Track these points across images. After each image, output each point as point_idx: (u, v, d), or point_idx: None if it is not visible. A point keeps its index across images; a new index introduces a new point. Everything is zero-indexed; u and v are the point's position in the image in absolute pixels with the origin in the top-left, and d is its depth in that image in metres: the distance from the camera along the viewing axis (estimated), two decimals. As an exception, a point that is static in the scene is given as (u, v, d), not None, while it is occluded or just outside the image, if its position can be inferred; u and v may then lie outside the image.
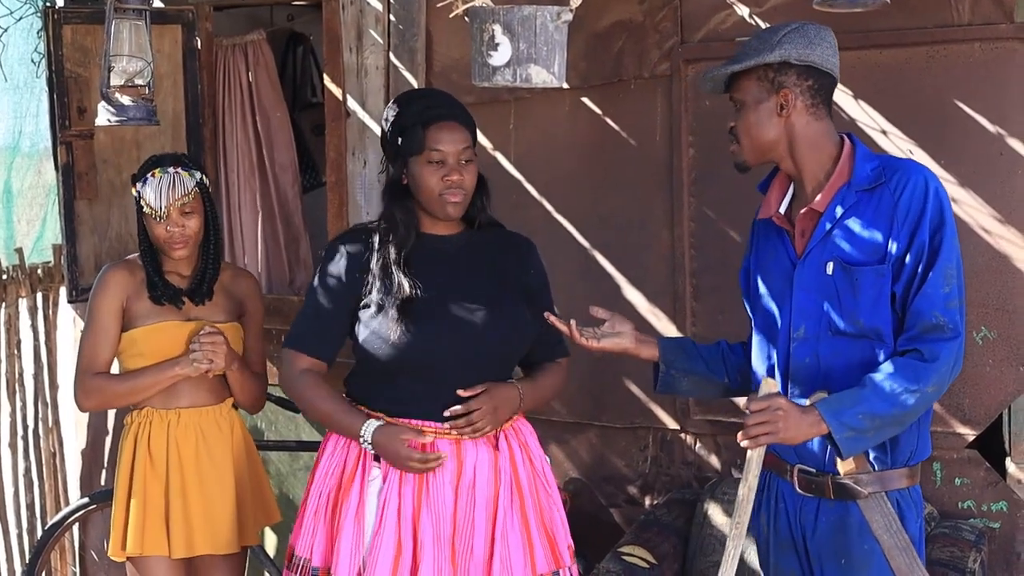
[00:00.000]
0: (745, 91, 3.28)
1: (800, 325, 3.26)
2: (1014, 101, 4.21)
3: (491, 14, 3.24)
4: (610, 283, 4.95)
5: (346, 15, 5.48)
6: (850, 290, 3.16)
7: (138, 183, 4.09)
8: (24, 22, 6.00)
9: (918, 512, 3.26)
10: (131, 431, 4.20)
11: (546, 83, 3.28)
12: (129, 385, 4.14)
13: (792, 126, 3.24)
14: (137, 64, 4.39)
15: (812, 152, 3.25)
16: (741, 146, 3.33)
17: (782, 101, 3.21)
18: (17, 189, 6.93)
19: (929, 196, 3.10)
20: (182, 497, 4.15)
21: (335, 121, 5.56)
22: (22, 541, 6.11)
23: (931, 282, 3.06)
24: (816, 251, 3.24)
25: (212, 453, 4.22)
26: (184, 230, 4.07)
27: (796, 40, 3.19)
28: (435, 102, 3.56)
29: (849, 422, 3.05)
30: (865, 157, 3.24)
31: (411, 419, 3.53)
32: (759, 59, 3.21)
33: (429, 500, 3.49)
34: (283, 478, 6.02)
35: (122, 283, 4.14)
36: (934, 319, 3.06)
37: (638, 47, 4.83)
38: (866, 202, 3.18)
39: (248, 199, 6.28)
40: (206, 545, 4.18)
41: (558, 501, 3.77)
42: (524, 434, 3.71)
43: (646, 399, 4.92)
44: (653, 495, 4.95)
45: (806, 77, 3.21)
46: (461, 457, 3.53)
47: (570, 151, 5.04)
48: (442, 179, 3.47)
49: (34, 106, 6.59)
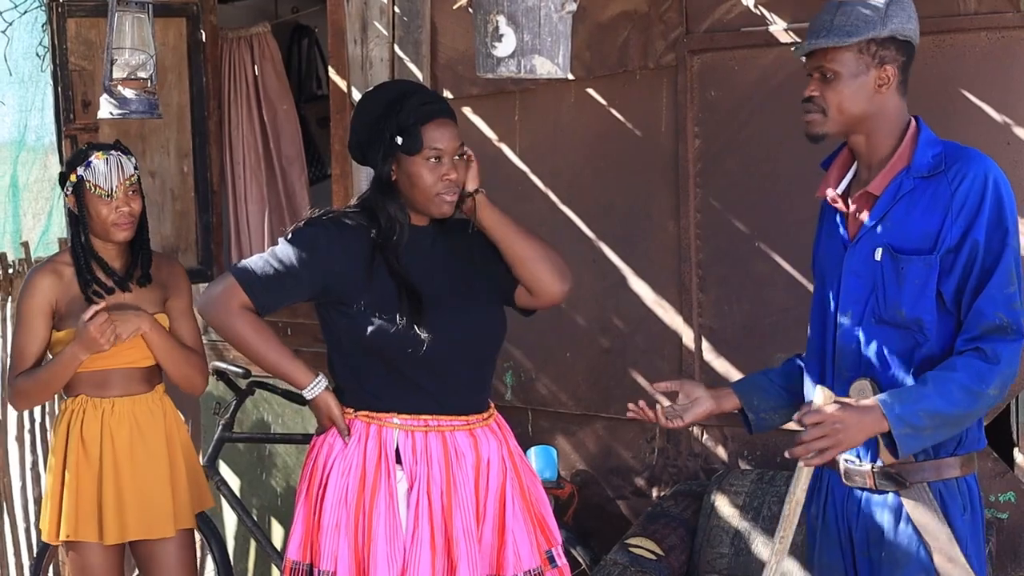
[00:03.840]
0: (841, 62, 3.09)
1: (848, 309, 3.16)
2: (1020, 90, 4.20)
3: (495, 5, 3.22)
4: (616, 274, 4.94)
5: (351, 7, 5.48)
6: (895, 278, 3.06)
7: (78, 168, 4.11)
8: (28, 16, 6.01)
9: (968, 504, 3.12)
10: (64, 418, 4.22)
11: (550, 74, 3.26)
12: (46, 375, 4.13)
13: (884, 103, 3.10)
14: (140, 57, 4.39)
15: (888, 132, 3.13)
16: (827, 117, 3.14)
17: (882, 77, 3.08)
18: (23, 183, 6.94)
19: (988, 191, 2.97)
20: (115, 484, 4.17)
21: (340, 113, 5.56)
22: (30, 535, 6.11)
23: (994, 282, 2.95)
24: (867, 236, 3.13)
25: (146, 440, 4.24)
26: (131, 210, 4.12)
27: (899, 12, 3.05)
28: (427, 98, 3.51)
29: (910, 419, 2.96)
30: (928, 142, 3.11)
31: (427, 414, 3.49)
32: (873, 32, 3.05)
33: (457, 498, 3.46)
34: (290, 470, 6.02)
35: (50, 285, 4.15)
36: (998, 320, 2.95)
37: (643, 38, 4.82)
38: (923, 190, 3.05)
39: (255, 192, 6.28)
40: (140, 530, 4.20)
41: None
42: (502, 421, 3.69)
43: (653, 390, 4.91)
44: (660, 487, 4.95)
45: (902, 52, 3.09)
46: (479, 450, 3.52)
47: (575, 142, 5.04)
48: (441, 177, 3.43)
49: (39, 100, 6.60)
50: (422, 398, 3.49)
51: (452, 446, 3.48)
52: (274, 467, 6.01)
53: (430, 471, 3.44)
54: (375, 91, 3.65)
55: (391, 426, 3.48)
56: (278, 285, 3.46)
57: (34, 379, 4.14)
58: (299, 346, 5.67)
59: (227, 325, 3.49)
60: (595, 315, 5.00)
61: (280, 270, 3.45)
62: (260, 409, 6.02)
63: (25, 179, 6.96)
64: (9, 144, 7.00)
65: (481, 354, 3.58)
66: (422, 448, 3.46)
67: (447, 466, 3.46)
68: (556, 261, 3.54)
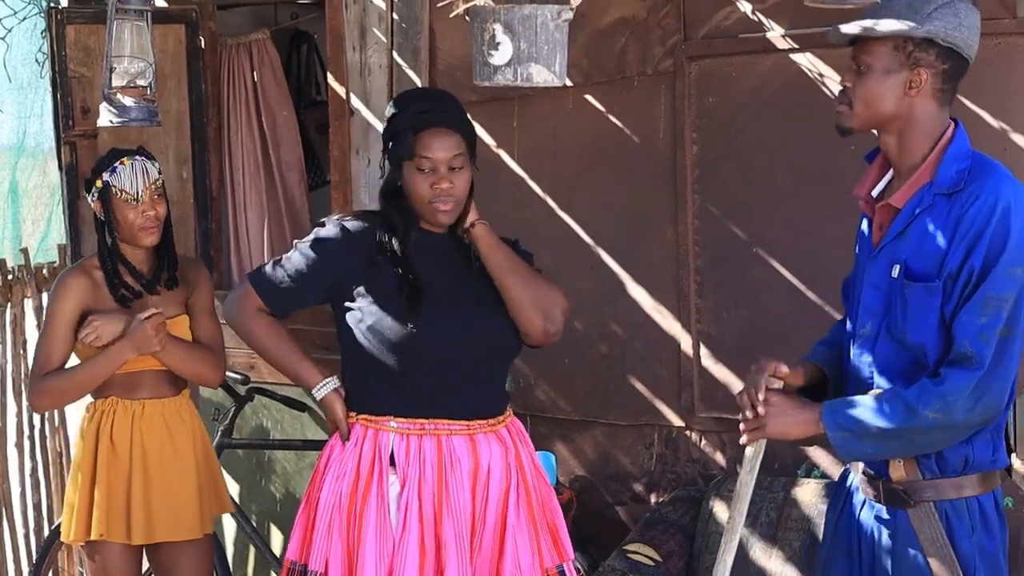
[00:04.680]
0: (876, 56, 2.99)
1: (866, 323, 3.10)
2: (1017, 97, 4.21)
3: (492, 13, 3.23)
4: (614, 280, 4.95)
5: (349, 14, 5.49)
6: (902, 301, 2.98)
7: (104, 173, 4.17)
8: (28, 22, 6.02)
9: (978, 524, 3.03)
10: (94, 419, 4.26)
11: (547, 82, 3.26)
12: (79, 378, 4.19)
13: (913, 107, 2.97)
14: (139, 65, 4.39)
15: (920, 139, 3.01)
16: (853, 111, 3.05)
17: (914, 79, 2.95)
18: (22, 189, 6.94)
19: (995, 216, 2.85)
20: (143, 485, 4.21)
21: (339, 120, 5.56)
22: (29, 541, 6.12)
23: (967, 310, 2.87)
24: (888, 249, 3.04)
25: (175, 443, 4.29)
26: (156, 214, 4.19)
27: (947, 16, 2.91)
28: (427, 106, 3.49)
29: (844, 423, 2.97)
30: (956, 157, 2.98)
31: (424, 418, 3.49)
32: (906, 30, 2.92)
33: (449, 502, 3.45)
34: (289, 476, 6.02)
35: (82, 288, 4.20)
36: (964, 348, 2.86)
37: (641, 44, 4.82)
38: (941, 207, 2.94)
39: (254, 198, 6.29)
40: (166, 532, 4.24)
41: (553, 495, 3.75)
42: (519, 429, 3.68)
43: (651, 396, 4.92)
44: (659, 493, 4.95)
45: (944, 59, 2.93)
46: (477, 455, 3.50)
47: (574, 148, 5.04)
48: (431, 187, 3.43)
49: (38, 106, 6.60)
50: (419, 401, 3.50)
51: (447, 450, 3.48)
52: (273, 473, 6.02)
53: (422, 473, 3.45)
54: (396, 96, 3.70)
55: (388, 429, 3.50)
56: (288, 287, 3.57)
57: (68, 378, 4.19)
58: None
59: (243, 327, 3.61)
60: (594, 321, 5.00)
61: (290, 273, 3.56)
62: (259, 415, 6.02)
63: (24, 185, 6.96)
64: (8, 150, 7.00)
65: (483, 359, 3.55)
66: (416, 450, 3.47)
67: (440, 470, 3.46)
68: (546, 306, 3.49)
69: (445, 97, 3.59)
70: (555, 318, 3.50)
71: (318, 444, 5.62)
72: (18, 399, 6.00)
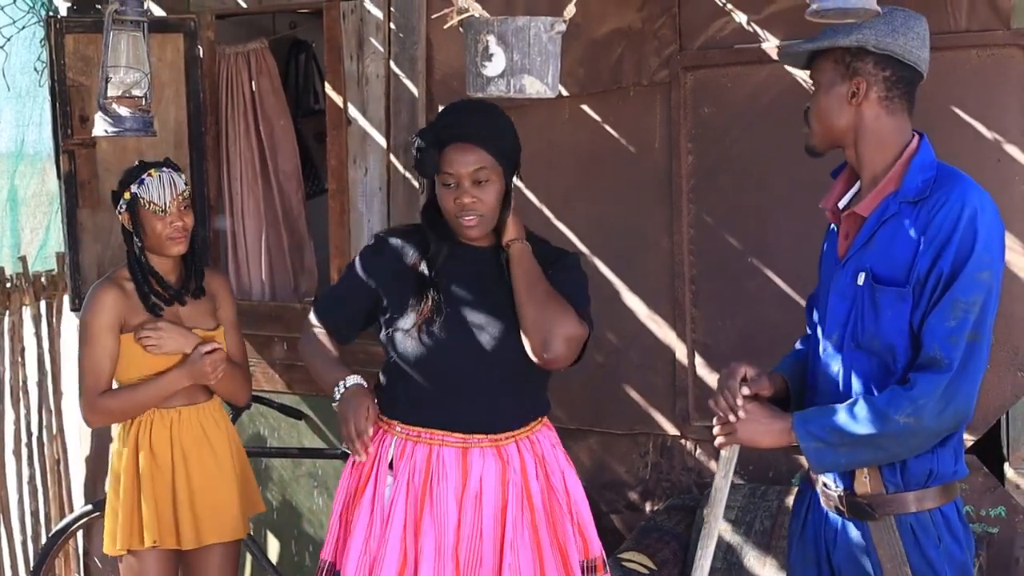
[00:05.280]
0: (821, 72, 3.13)
1: (833, 333, 3.15)
2: (1011, 108, 4.22)
3: (485, 25, 3.24)
4: (610, 289, 4.96)
5: (347, 23, 5.51)
6: (872, 307, 3.03)
7: (132, 186, 4.26)
8: (27, 31, 6.03)
9: (949, 535, 3.08)
10: (132, 431, 4.34)
11: (540, 93, 3.27)
12: (140, 400, 4.30)
13: (862, 116, 3.06)
14: (134, 75, 4.41)
15: (876, 148, 3.08)
16: (811, 130, 3.18)
17: (855, 89, 3.04)
18: (21, 197, 6.94)
19: (961, 222, 2.91)
20: (188, 491, 4.33)
21: (336, 129, 5.58)
22: (26, 548, 6.13)
23: (936, 314, 2.92)
24: (854, 258, 3.10)
25: (214, 447, 4.41)
26: (184, 224, 4.28)
27: (879, 25, 3.00)
28: (454, 120, 3.51)
29: (816, 432, 3.01)
30: (922, 166, 3.05)
31: (421, 426, 3.56)
32: (833, 41, 3.04)
33: (432, 510, 3.50)
34: (285, 484, 6.03)
35: (117, 301, 4.28)
36: (932, 352, 2.91)
37: (637, 54, 4.84)
38: (907, 215, 3.00)
39: (252, 207, 6.29)
40: (213, 534, 4.37)
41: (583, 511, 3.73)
42: (543, 446, 3.68)
43: (646, 405, 4.94)
44: (653, 501, 4.96)
45: (884, 67, 3.02)
46: (466, 468, 3.53)
47: (569, 158, 5.06)
48: (454, 201, 3.47)
49: (37, 115, 6.61)
50: (417, 409, 3.57)
51: (437, 460, 3.53)
52: (270, 481, 6.02)
53: (410, 479, 3.53)
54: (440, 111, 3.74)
55: (393, 433, 3.60)
56: (333, 306, 3.79)
57: (126, 400, 4.31)
58: (295, 360, 5.72)
59: (300, 348, 3.84)
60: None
61: (336, 288, 3.87)
62: (256, 423, 6.03)
63: (23, 193, 6.96)
64: (6, 158, 7.00)
65: (483, 375, 3.55)
66: (408, 456, 3.55)
67: (427, 478, 3.52)
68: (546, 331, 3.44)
69: (478, 110, 3.56)
70: (552, 345, 3.44)
71: (315, 452, 5.65)
72: (16, 407, 6.01)
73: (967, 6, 4.25)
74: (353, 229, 5.57)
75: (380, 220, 5.49)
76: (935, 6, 4.27)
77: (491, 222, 3.54)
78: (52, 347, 6.23)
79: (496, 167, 3.48)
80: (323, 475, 5.86)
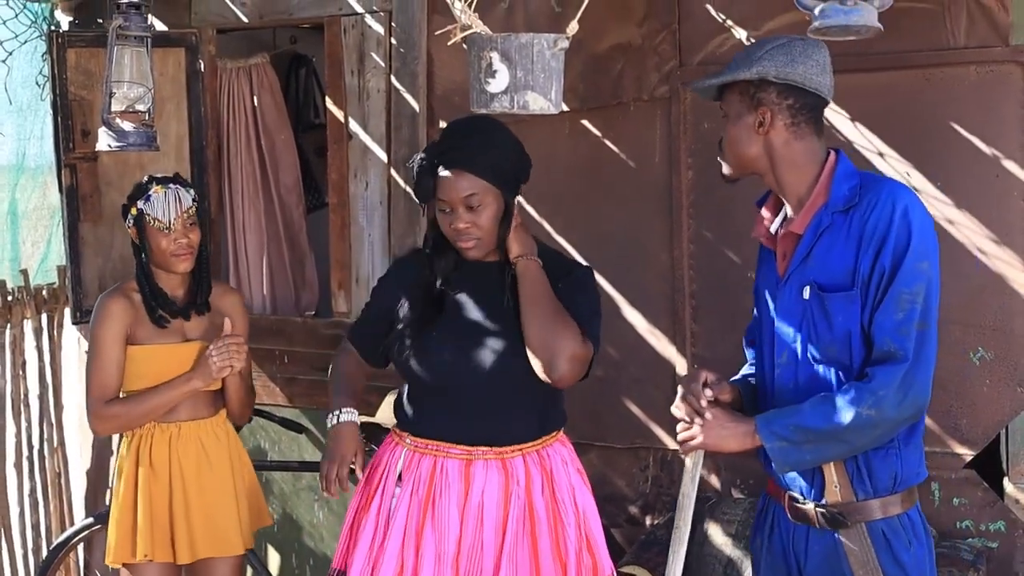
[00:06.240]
0: (729, 104, 3.24)
1: (783, 351, 3.23)
2: (1009, 124, 4.24)
3: (489, 42, 3.26)
4: (610, 304, 4.97)
5: (348, 38, 5.53)
6: (824, 316, 3.11)
7: (139, 201, 4.27)
8: (28, 45, 6.05)
9: (915, 538, 3.16)
10: (133, 444, 4.37)
11: (543, 110, 3.30)
12: (146, 407, 4.29)
13: (771, 144, 3.17)
14: (138, 90, 4.43)
15: (792, 172, 3.19)
16: (725, 159, 3.30)
17: (760, 118, 3.15)
18: (22, 211, 6.95)
19: (895, 219, 3.03)
20: (184, 506, 4.34)
21: (337, 143, 5.60)
22: (27, 561, 6.13)
23: (883, 309, 3.01)
24: (795, 275, 3.19)
25: (212, 462, 4.41)
26: (189, 241, 4.29)
27: (777, 56, 3.11)
28: (448, 145, 3.50)
29: (781, 433, 3.07)
30: (845, 176, 3.16)
31: (427, 438, 3.60)
32: (735, 74, 3.16)
33: (435, 519, 3.53)
34: (286, 498, 6.04)
35: (124, 311, 4.31)
36: (886, 346, 3.01)
37: (637, 70, 4.86)
38: (840, 224, 3.11)
39: (253, 221, 6.30)
40: (208, 549, 4.37)
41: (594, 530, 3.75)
42: (552, 462, 3.67)
43: (646, 419, 4.95)
44: (654, 515, 4.97)
45: (786, 96, 3.13)
46: (469, 480, 3.56)
47: (570, 172, 5.08)
48: (450, 226, 3.50)
49: (38, 128, 6.61)
50: (423, 422, 3.63)
51: (441, 472, 3.56)
52: (271, 494, 6.03)
53: (415, 489, 3.57)
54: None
55: (403, 445, 3.66)
56: (361, 330, 3.87)
57: (134, 406, 4.30)
58: (295, 374, 5.73)
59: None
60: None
61: (363, 317, 3.89)
62: (257, 436, 6.04)
63: (24, 206, 6.96)
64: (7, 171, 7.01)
65: (486, 390, 3.56)
66: (415, 466, 3.60)
67: (431, 488, 3.56)
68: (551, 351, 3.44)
69: (474, 132, 3.55)
70: (556, 365, 3.44)
71: (315, 465, 5.63)
72: (17, 419, 6.02)
73: (966, 23, 4.27)
74: (354, 243, 5.58)
75: (381, 234, 5.50)
76: (934, 23, 4.30)
77: (490, 242, 3.55)
78: (53, 360, 6.24)
79: (490, 190, 3.48)
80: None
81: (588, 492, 3.76)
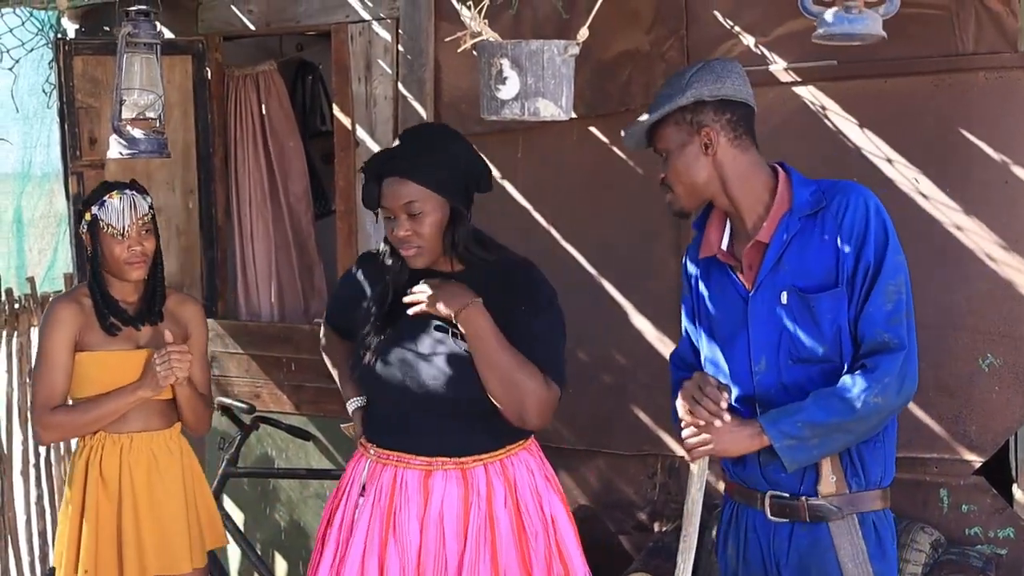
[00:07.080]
0: (667, 139, 3.26)
1: (760, 358, 3.25)
2: (1019, 129, 4.23)
3: (499, 48, 3.26)
4: (617, 310, 4.97)
5: (355, 45, 5.53)
6: (809, 317, 3.16)
7: (93, 207, 4.22)
8: (35, 53, 6.05)
9: (893, 536, 3.28)
10: (83, 455, 4.27)
11: (554, 116, 3.30)
12: (93, 415, 4.21)
13: (721, 163, 3.22)
14: (148, 97, 4.43)
15: (746, 185, 3.24)
16: (676, 194, 3.31)
17: (706, 140, 3.19)
18: (28, 218, 6.96)
19: (871, 215, 3.11)
20: (134, 519, 4.23)
21: (344, 150, 5.61)
22: (34, 569, 6.13)
23: (872, 302, 3.09)
24: (767, 283, 3.22)
25: (163, 476, 4.31)
26: (143, 249, 4.21)
27: (704, 77, 3.18)
28: (392, 152, 3.53)
29: (788, 430, 3.10)
30: (801, 183, 3.23)
31: (389, 449, 3.62)
32: (672, 104, 3.19)
33: (396, 533, 3.53)
34: (294, 505, 6.04)
35: (74, 316, 4.23)
36: (879, 337, 3.08)
37: (645, 76, 4.86)
38: (810, 228, 3.17)
39: (261, 228, 6.31)
40: (159, 566, 4.24)
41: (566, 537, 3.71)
42: (515, 471, 3.65)
43: (654, 426, 4.94)
44: (662, 522, 4.96)
45: (723, 111, 3.20)
46: (428, 490, 3.55)
47: (577, 179, 5.07)
48: (392, 233, 3.51)
49: (44, 136, 6.63)
50: (383, 432, 3.65)
51: (401, 482, 3.57)
52: (278, 502, 6.03)
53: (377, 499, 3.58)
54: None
55: (367, 456, 3.66)
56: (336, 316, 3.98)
57: (80, 414, 4.21)
58: (303, 381, 5.73)
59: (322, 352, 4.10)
60: (597, 351, 5.02)
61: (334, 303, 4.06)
62: (264, 444, 6.04)
63: (31, 214, 6.99)
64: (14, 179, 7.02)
65: (440, 401, 3.53)
66: (377, 477, 3.60)
67: (392, 499, 3.56)
68: (518, 403, 3.45)
69: (416, 139, 3.57)
70: (526, 418, 3.47)
71: (322, 473, 5.66)
72: (24, 428, 6.02)
73: (974, 29, 4.27)
74: (361, 250, 5.58)
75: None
76: (943, 29, 4.29)
77: (434, 251, 3.54)
78: (59, 368, 6.23)
79: (432, 197, 3.46)
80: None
81: (558, 499, 3.74)
